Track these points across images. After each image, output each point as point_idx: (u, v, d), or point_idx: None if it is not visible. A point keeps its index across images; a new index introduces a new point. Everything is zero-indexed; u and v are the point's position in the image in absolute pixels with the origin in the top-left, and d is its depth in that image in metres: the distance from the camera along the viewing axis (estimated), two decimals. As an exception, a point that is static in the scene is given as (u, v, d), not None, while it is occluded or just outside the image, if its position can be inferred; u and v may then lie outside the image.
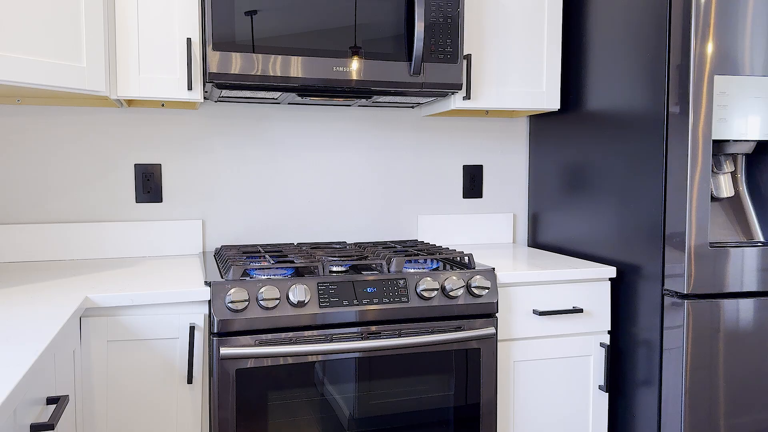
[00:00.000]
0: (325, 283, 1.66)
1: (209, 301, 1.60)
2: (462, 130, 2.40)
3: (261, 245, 2.14)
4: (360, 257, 1.86)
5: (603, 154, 2.05)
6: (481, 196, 2.44)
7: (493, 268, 1.80)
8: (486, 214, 2.44)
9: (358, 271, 1.78)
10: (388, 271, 1.74)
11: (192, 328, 1.57)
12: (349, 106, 2.27)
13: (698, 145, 1.70)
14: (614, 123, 1.99)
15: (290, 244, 2.18)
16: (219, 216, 2.20)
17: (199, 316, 1.60)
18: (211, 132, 2.17)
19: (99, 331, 1.54)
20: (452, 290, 1.71)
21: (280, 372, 1.61)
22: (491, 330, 1.75)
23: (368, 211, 2.33)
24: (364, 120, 2.31)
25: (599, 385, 1.92)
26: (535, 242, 2.44)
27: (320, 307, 1.63)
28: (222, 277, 1.65)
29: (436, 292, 1.71)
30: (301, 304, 1.62)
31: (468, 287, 1.74)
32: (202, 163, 2.17)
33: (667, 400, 1.80)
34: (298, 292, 1.60)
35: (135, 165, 2.11)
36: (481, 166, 2.43)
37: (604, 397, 1.94)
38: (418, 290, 1.71)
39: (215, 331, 1.57)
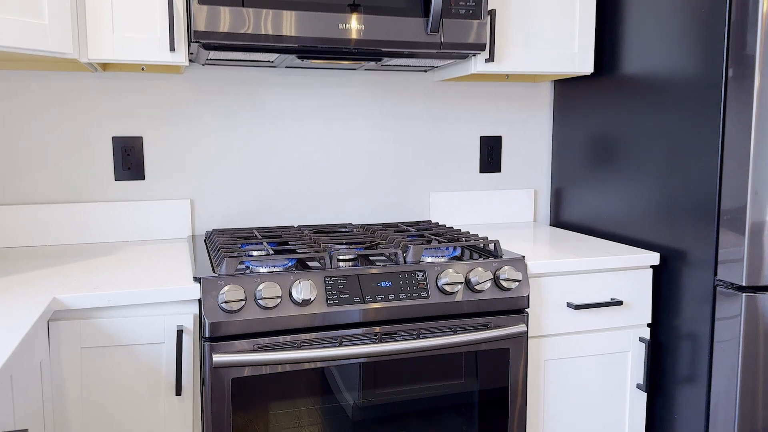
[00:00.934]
0: (333, 277, 1.44)
1: (199, 300, 1.37)
2: (479, 97, 2.16)
3: (257, 228, 1.91)
4: (371, 244, 1.63)
5: (641, 123, 1.81)
6: (500, 171, 2.21)
7: (523, 257, 1.58)
8: (505, 191, 2.21)
9: (369, 261, 1.55)
10: (404, 262, 1.52)
11: (180, 332, 1.35)
12: (355, 69, 2.02)
13: (766, 112, 1.47)
14: (657, 88, 1.75)
15: (290, 227, 1.95)
16: (209, 195, 1.96)
17: (187, 318, 1.38)
18: (199, 100, 1.92)
19: (71, 336, 1.31)
20: (478, 284, 1.49)
21: (282, 381, 1.40)
22: (522, 327, 1.53)
23: (376, 188, 2.10)
24: (371, 85, 2.05)
25: (637, 384, 1.73)
26: (557, 221, 2.22)
27: (328, 305, 1.41)
28: (214, 271, 1.42)
29: (460, 285, 1.49)
30: (306, 302, 1.39)
31: (496, 280, 1.52)
32: (189, 136, 1.92)
33: (717, 400, 1.60)
34: (303, 288, 1.38)
35: (113, 138, 1.87)
36: (500, 137, 2.20)
37: (643, 396, 1.74)
38: (439, 284, 1.49)
39: (207, 335, 1.35)
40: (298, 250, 1.60)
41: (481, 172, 2.19)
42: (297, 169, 2.02)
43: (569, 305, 1.63)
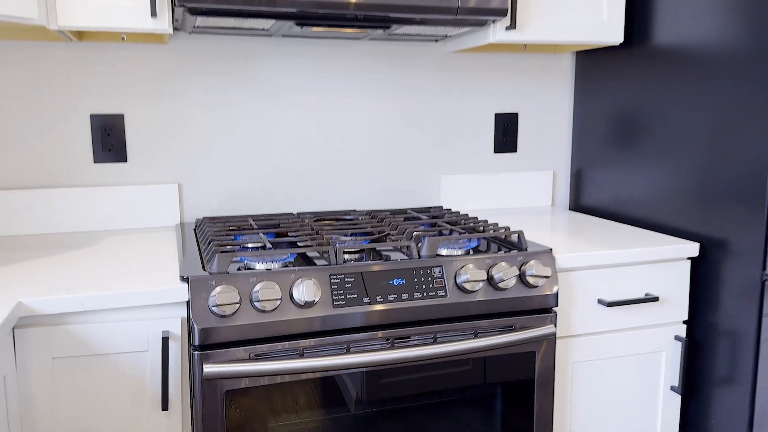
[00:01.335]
0: (339, 274, 1.27)
1: (188, 302, 1.20)
2: (494, 70, 1.97)
3: (252, 216, 1.73)
4: (379, 235, 1.46)
5: (677, 98, 1.64)
6: (516, 151, 2.03)
7: (551, 249, 1.41)
8: (521, 172, 2.04)
9: (378, 255, 1.38)
10: (418, 256, 1.35)
11: (165, 339, 1.18)
12: (359, 39, 1.83)
13: (831, 90, 1.29)
14: (695, 60, 1.57)
15: (288, 214, 1.77)
16: (199, 178, 1.78)
17: (174, 322, 1.21)
18: (186, 72, 1.73)
19: (40, 345, 1.14)
20: (502, 281, 1.32)
21: (282, 393, 1.24)
22: (550, 328, 1.37)
23: (381, 170, 1.92)
24: (376, 57, 1.86)
25: (671, 386, 1.57)
26: (577, 205, 2.05)
27: (334, 306, 1.24)
28: (204, 268, 1.25)
29: (481, 283, 1.32)
30: (309, 305, 1.22)
31: (522, 276, 1.36)
32: (175, 113, 1.74)
33: (764, 404, 1.45)
34: (306, 289, 1.21)
35: (91, 116, 1.68)
36: (516, 114, 2.01)
37: (676, 399, 1.59)
38: (458, 281, 1.32)
39: (196, 343, 1.18)
40: (300, 243, 1.43)
41: (495, 152, 2.01)
42: (295, 150, 1.84)
43: (600, 302, 1.47)
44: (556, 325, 1.40)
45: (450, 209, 1.82)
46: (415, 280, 1.30)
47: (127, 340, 1.18)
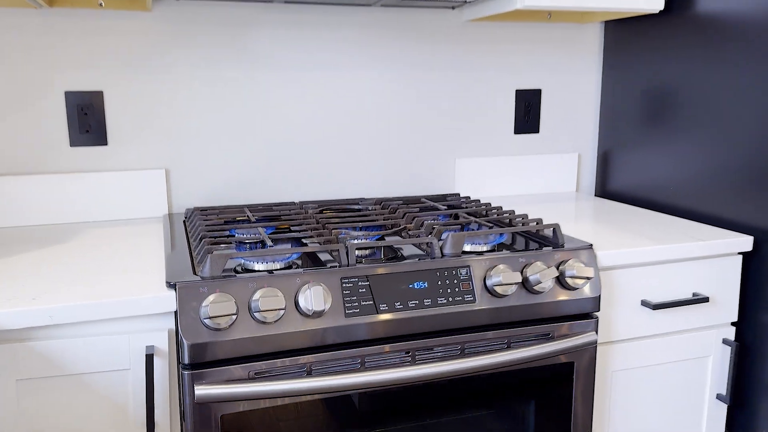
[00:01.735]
0: (351, 278, 1.09)
1: (176, 312, 1.02)
2: (514, 42, 1.78)
3: (249, 206, 1.55)
4: (394, 229, 1.28)
5: (724, 73, 1.46)
6: (538, 131, 1.85)
7: (591, 245, 1.24)
8: (543, 155, 1.86)
9: (395, 253, 1.21)
10: (441, 254, 1.17)
11: (150, 357, 1.00)
12: (370, 5, 1.63)
13: None
14: (744, 32, 1.39)
15: (289, 203, 1.59)
16: (188, 163, 1.59)
17: (160, 336, 1.03)
18: (172, 44, 1.54)
19: (2, 366, 0.97)
20: (539, 283, 1.15)
21: (287, 416, 1.06)
22: (591, 336, 1.20)
23: (390, 152, 1.73)
24: (387, 26, 1.67)
25: (718, 395, 1.41)
26: (604, 191, 1.87)
27: (346, 316, 1.07)
28: (194, 272, 1.07)
29: (515, 286, 1.15)
30: (317, 314, 1.05)
31: (561, 277, 1.19)
32: (161, 90, 1.54)
33: (821, 422, 1.29)
34: (314, 296, 1.03)
35: (66, 93, 1.48)
36: (539, 90, 1.83)
37: (723, 409, 1.43)
38: (488, 284, 1.15)
39: (186, 361, 1.00)
40: (305, 239, 1.25)
41: (516, 133, 1.83)
42: (296, 131, 1.65)
43: (645, 304, 1.31)
44: (597, 332, 1.23)
45: (468, 197, 1.64)
46: (439, 283, 1.13)
47: (105, 357, 1.01)
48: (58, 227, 1.47)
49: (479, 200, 1.58)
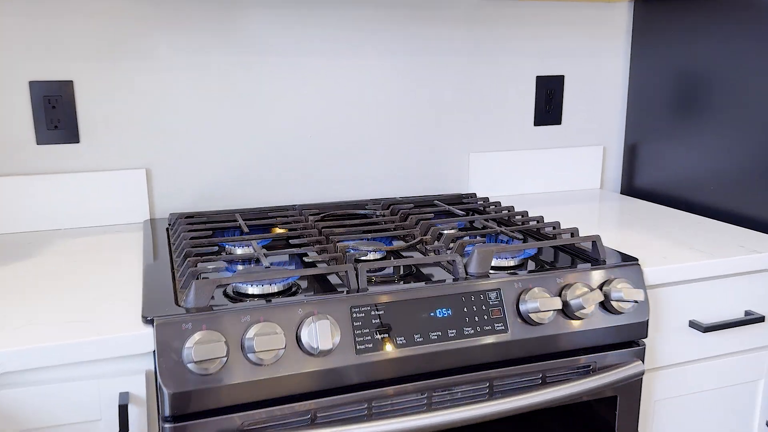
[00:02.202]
0: (363, 306, 0.92)
1: (155, 352, 0.85)
2: (535, 23, 1.60)
3: (240, 212, 1.37)
4: (410, 243, 1.12)
5: (766, 56, 1.29)
6: (560, 122, 1.68)
7: (637, 260, 1.08)
8: (565, 149, 1.69)
9: (410, 270, 1.04)
10: (466, 274, 1.01)
11: (123, 407, 0.84)
12: (374, -17, 1.45)
13: None
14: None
15: (287, 207, 1.41)
16: (172, 162, 1.41)
17: (135, 381, 0.87)
18: (153, 27, 1.35)
19: (-58, 421, 0.80)
20: (581, 308, 0.99)
21: (289, 472, 0.90)
22: (638, 367, 1.04)
23: (398, 147, 1.56)
24: (393, 6, 1.49)
25: (767, 422, 1.26)
26: (630, 188, 1.70)
27: (357, 352, 0.90)
28: (177, 301, 0.90)
29: (554, 312, 0.99)
30: (324, 353, 0.88)
31: (606, 300, 1.02)
32: (141, 79, 1.36)
33: None
34: (320, 332, 0.87)
35: (30, 83, 1.30)
36: (562, 77, 1.65)
37: (773, 437, 1.28)
38: (522, 309, 0.98)
39: (167, 413, 0.84)
40: (306, 256, 1.08)
41: (536, 124, 1.66)
42: (293, 125, 1.47)
43: (694, 326, 1.15)
44: (644, 361, 1.07)
45: (486, 198, 1.47)
46: (465, 309, 0.96)
47: (71, 407, 0.84)
48: (21, 237, 1.29)
49: (499, 202, 1.41)
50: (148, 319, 0.85)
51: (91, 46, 1.32)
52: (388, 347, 0.92)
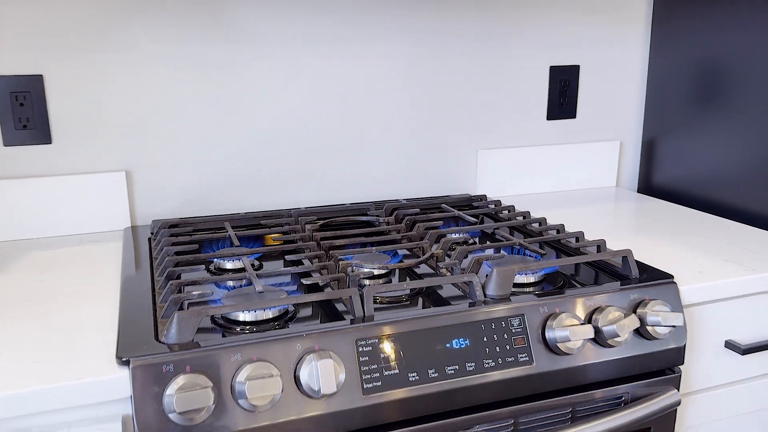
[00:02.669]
0: (371, 339, 0.81)
1: (132, 398, 0.74)
2: (548, 9, 1.47)
3: (230, 218, 1.25)
4: (417, 256, 1.00)
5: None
6: (575, 116, 1.56)
7: (672, 278, 0.97)
8: (579, 144, 1.57)
9: (422, 292, 0.93)
10: (484, 296, 0.90)
11: (96, 462, 0.72)
12: (375, -35, 1.32)
13: None
14: None
15: (281, 212, 1.29)
16: (155, 163, 1.29)
17: (111, 429, 0.75)
18: (132, 15, 1.22)
19: None
20: (615, 336, 0.88)
21: None
22: (674, 397, 0.94)
23: (400, 145, 1.44)
24: (394, -8, 1.36)
25: (804, 445, 1.17)
26: (648, 186, 1.60)
27: (364, 393, 0.79)
28: (157, 336, 0.79)
29: (583, 341, 0.88)
30: (326, 396, 0.77)
31: (641, 326, 0.91)
32: (118, 72, 1.23)
33: None
34: (322, 373, 0.75)
35: (-5, 77, 1.17)
36: (578, 67, 1.53)
37: (810, 461, 1.19)
38: (548, 338, 0.87)
39: (146, 468, 0.73)
40: (308, 277, 0.96)
41: (548, 118, 1.54)
42: (286, 122, 1.35)
43: (730, 346, 1.04)
44: (679, 388, 0.97)
45: (498, 202, 1.36)
46: (485, 339, 0.85)
47: (34, 461, 0.73)
48: (-10, 249, 1.17)
49: (513, 206, 1.30)
50: (124, 360, 0.74)
51: (62, 37, 1.19)
52: (400, 385, 0.81)
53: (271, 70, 1.31)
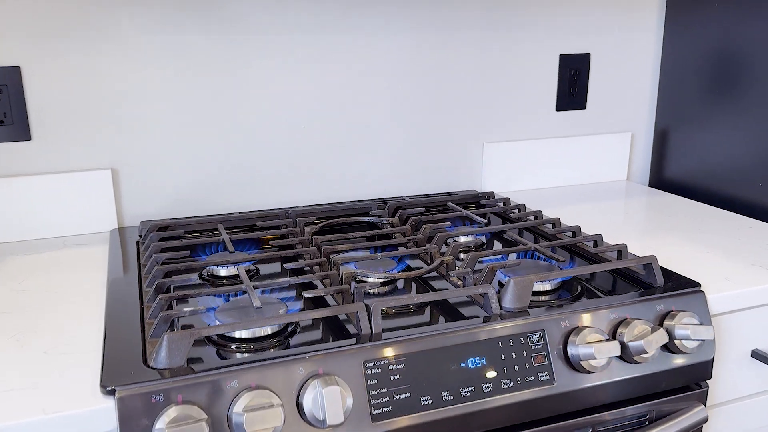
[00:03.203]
0: (379, 360, 0.74)
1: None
2: (558, -6, 1.40)
3: (223, 220, 1.18)
4: (424, 257, 0.94)
5: None
6: (585, 107, 1.49)
7: (699, 286, 0.91)
8: (590, 136, 1.50)
9: (430, 302, 0.86)
10: (500, 309, 0.83)
11: (79, 501, 0.66)
12: (377, -52, 1.24)
13: None
14: None
15: (278, 212, 1.22)
16: (143, 160, 1.21)
17: (95, 463, 0.68)
18: (116, 1, 1.13)
19: None
20: (643, 353, 0.82)
21: None
22: (701, 414, 0.88)
23: (402, 138, 1.36)
24: (396, -24, 1.28)
25: (829, 455, 1.12)
26: (660, 179, 1.53)
27: (373, 420, 0.73)
28: (146, 360, 0.72)
29: (608, 359, 0.81)
30: (332, 427, 0.71)
31: (669, 340, 0.85)
32: (102, 63, 1.15)
33: None
34: (329, 403, 0.69)
35: (-32, 69, 1.09)
36: (588, 55, 1.46)
37: (834, 471, 1.14)
38: (570, 355, 0.81)
39: None
40: (308, 289, 0.89)
41: (558, 109, 1.47)
42: (283, 115, 1.27)
43: (757, 356, 0.98)
44: (705, 403, 0.91)
45: (508, 199, 1.29)
46: (503, 357, 0.79)
47: (11, 501, 0.66)
48: (-34, 255, 1.09)
49: (524, 205, 1.23)
50: (109, 389, 0.67)
51: (42, 25, 1.10)
52: (412, 410, 0.74)
53: (266, 60, 1.23)
